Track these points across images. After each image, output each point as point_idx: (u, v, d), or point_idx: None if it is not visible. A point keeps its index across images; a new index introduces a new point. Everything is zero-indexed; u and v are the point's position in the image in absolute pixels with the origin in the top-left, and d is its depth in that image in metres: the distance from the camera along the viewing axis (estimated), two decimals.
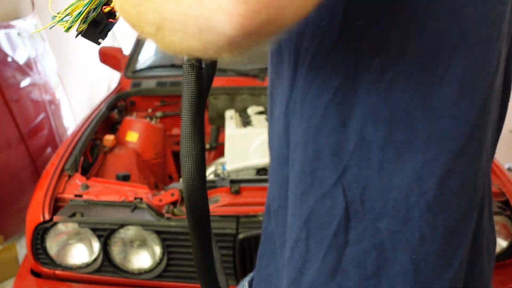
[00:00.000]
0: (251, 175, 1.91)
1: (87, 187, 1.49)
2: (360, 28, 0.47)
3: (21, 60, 2.85)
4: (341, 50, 0.48)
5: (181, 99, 0.58)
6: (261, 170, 1.90)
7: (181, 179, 1.43)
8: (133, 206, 1.39)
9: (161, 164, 2.21)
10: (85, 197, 1.43)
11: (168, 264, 1.37)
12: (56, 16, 0.56)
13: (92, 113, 2.09)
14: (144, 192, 1.48)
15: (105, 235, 1.34)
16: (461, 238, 0.50)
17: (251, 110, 2.32)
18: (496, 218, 1.43)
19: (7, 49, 2.70)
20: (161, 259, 1.37)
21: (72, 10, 0.55)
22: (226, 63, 2.93)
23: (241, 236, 1.30)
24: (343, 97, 0.48)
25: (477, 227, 0.53)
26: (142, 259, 1.38)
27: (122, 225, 1.34)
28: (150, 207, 1.38)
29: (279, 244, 0.60)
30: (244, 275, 1.36)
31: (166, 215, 1.35)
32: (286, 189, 0.56)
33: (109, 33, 0.60)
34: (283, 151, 0.56)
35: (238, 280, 1.37)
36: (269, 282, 0.62)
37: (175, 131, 2.55)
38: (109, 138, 1.99)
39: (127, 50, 2.82)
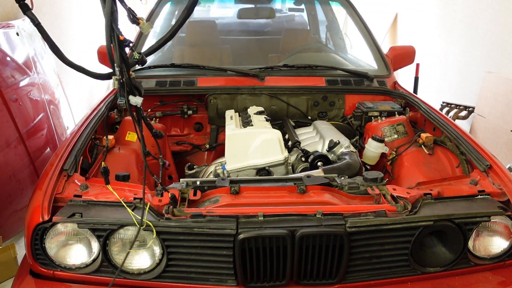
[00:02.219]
0: (251, 175, 1.90)
1: (86, 187, 1.48)
2: None
3: (20, 60, 2.84)
4: None
5: None
6: (261, 170, 1.90)
7: (181, 180, 1.43)
8: (133, 206, 1.38)
9: None
10: (84, 197, 1.43)
11: (168, 265, 1.36)
12: None
13: (91, 113, 2.08)
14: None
15: (104, 235, 1.33)
16: None
17: (251, 110, 2.31)
18: (497, 219, 1.43)
19: (6, 48, 2.70)
20: (160, 260, 1.37)
21: None
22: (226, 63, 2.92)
23: (241, 236, 1.30)
24: None
25: None
26: (142, 260, 1.38)
27: (121, 226, 1.33)
28: (149, 207, 1.38)
29: None
30: (244, 275, 1.35)
31: (166, 216, 1.35)
32: None
33: None
34: None
35: (238, 281, 1.37)
36: None
37: (175, 131, 2.55)
38: (108, 138, 1.98)
39: (126, 50, 2.80)
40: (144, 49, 2.81)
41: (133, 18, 1.25)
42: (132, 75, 1.26)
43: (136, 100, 1.20)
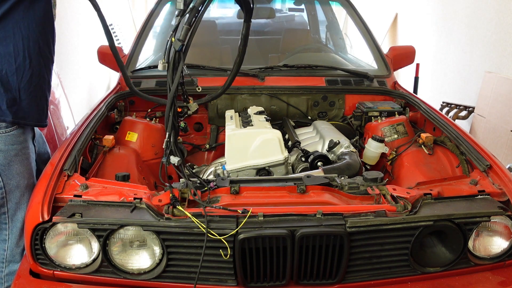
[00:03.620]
0: (251, 175, 1.90)
1: (86, 187, 1.48)
2: None
3: None
4: None
5: None
6: (261, 170, 1.90)
7: (180, 180, 1.43)
8: (133, 206, 1.38)
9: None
10: (84, 197, 1.43)
11: (168, 265, 1.36)
12: None
13: (91, 113, 2.08)
14: (143, 192, 1.48)
15: (104, 235, 1.33)
16: None
17: (251, 110, 2.31)
18: (497, 219, 1.43)
19: None
20: (160, 260, 1.37)
21: None
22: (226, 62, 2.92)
23: (241, 236, 1.30)
24: None
25: None
26: (142, 260, 1.38)
27: (121, 226, 1.33)
28: (149, 207, 1.38)
29: None
30: (244, 275, 1.35)
31: (166, 215, 1.35)
32: None
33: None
34: None
35: (238, 281, 1.37)
36: None
37: None
38: (108, 138, 1.98)
39: (126, 50, 2.81)
40: (144, 48, 2.81)
41: (186, 98, 1.56)
42: (180, 140, 1.41)
43: (174, 160, 1.39)
